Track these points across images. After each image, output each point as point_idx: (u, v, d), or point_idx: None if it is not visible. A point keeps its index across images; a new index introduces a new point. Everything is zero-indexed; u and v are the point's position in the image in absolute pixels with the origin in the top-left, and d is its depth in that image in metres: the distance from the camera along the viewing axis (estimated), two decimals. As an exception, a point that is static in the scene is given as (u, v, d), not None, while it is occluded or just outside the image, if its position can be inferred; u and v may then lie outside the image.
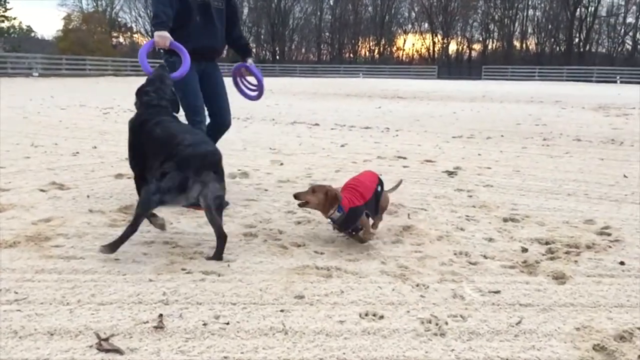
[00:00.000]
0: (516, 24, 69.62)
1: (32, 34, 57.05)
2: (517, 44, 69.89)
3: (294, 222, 3.77)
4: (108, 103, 14.31)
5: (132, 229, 2.95)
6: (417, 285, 2.71)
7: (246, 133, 8.76)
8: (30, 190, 4.45)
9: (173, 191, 2.92)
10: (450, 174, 5.59)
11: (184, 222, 3.74)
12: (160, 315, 2.31)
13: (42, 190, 4.47)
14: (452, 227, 3.74)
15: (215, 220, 3.04)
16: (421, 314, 2.40)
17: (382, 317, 2.36)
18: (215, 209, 3.05)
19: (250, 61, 4.63)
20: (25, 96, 16.02)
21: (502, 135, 8.91)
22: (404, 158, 6.53)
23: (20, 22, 53.36)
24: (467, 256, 3.17)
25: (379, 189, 3.52)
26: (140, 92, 3.56)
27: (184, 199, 2.99)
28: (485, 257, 3.16)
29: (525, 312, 2.45)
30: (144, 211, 3.02)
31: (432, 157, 6.63)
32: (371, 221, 3.40)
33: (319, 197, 3.17)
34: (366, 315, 2.38)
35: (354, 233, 3.33)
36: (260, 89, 4.76)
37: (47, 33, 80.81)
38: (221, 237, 3.05)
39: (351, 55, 75.50)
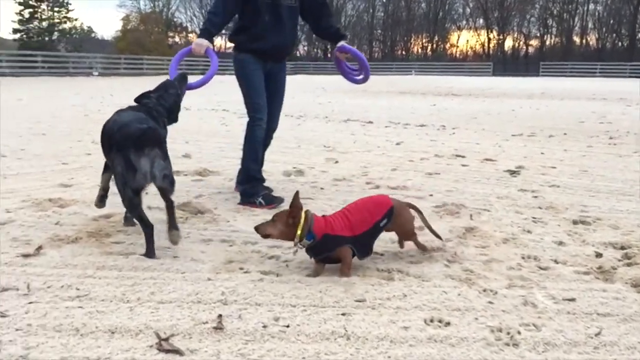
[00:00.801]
0: (576, 19, 67.26)
1: (93, 35, 59.18)
2: (576, 39, 67.56)
3: (352, 221, 3.67)
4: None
5: (145, 228, 2.97)
6: (484, 291, 2.57)
7: (299, 131, 8.72)
8: (92, 186, 4.52)
9: (129, 174, 2.89)
10: (513, 173, 5.37)
11: (240, 220, 3.71)
12: (220, 315, 2.26)
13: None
14: (518, 229, 3.56)
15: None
16: (491, 321, 2.26)
17: (448, 323, 2.24)
18: (166, 187, 3.02)
19: (343, 42, 4.24)
20: (86, 95, 16.53)
21: (565, 134, 8.55)
22: (463, 157, 6.34)
23: (82, 23, 55.64)
24: (536, 260, 3.00)
25: (384, 222, 2.85)
26: (142, 96, 3.49)
27: (143, 179, 2.92)
28: (556, 261, 2.98)
29: (605, 322, 2.28)
30: (131, 209, 3.04)
31: (492, 155, 6.40)
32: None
33: (278, 228, 2.73)
34: (431, 321, 2.27)
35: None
36: (364, 70, 4.33)
37: (106, 33, 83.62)
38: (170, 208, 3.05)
39: (403, 52, 74.75)
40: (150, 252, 2.94)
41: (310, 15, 4.27)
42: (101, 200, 3.50)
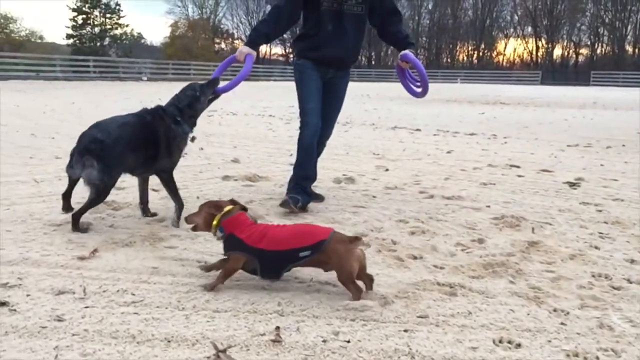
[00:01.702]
0: (629, 28, 65.21)
1: (142, 41, 60.60)
2: (629, 48, 65.49)
3: (408, 232, 3.55)
4: (211, 106, 14.70)
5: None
6: (555, 311, 2.42)
7: (347, 137, 8.63)
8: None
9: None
10: (572, 185, 5.14)
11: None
12: (277, 327, 2.18)
13: (154, 190, 4.53)
14: (585, 244, 3.37)
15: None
16: (565, 345, 2.11)
17: (519, 345, 2.10)
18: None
19: (407, 51, 4.04)
20: (135, 99, 16.83)
21: (623, 145, 8.20)
22: (518, 167, 6.12)
23: (132, 29, 56.91)
24: (607, 279, 2.82)
25: (306, 253, 2.46)
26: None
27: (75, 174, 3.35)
28: (629, 281, 2.79)
29: (692, 350, 2.10)
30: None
31: (549, 166, 6.16)
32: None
33: (201, 217, 2.65)
34: (500, 342, 2.13)
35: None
36: (423, 83, 4.14)
37: (155, 39, 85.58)
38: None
39: (449, 60, 73.96)
40: None
41: (379, 20, 4.10)
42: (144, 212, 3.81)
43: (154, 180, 3.78)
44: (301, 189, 4.10)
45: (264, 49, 76.99)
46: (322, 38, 3.97)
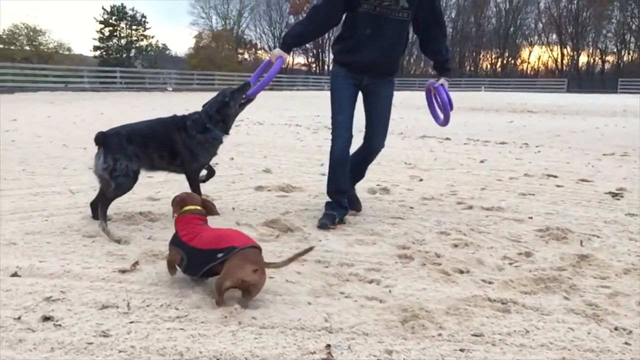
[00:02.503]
0: (657, 34, 64.15)
1: (167, 52, 61.34)
2: (657, 54, 64.43)
3: (451, 244, 3.45)
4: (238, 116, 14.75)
5: None
6: (616, 329, 2.30)
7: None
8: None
9: None
10: (615, 195, 4.99)
11: (332, 239, 3.55)
12: (328, 345, 2.10)
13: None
14: (637, 258, 3.23)
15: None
16: (633, 367, 2.00)
17: (584, 367, 2.00)
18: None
19: (441, 81, 4.00)
20: (162, 110, 16.97)
21: (661, 154, 7.98)
22: (555, 176, 5.97)
23: (157, 41, 57.64)
24: (667, 295, 2.69)
25: (221, 255, 2.48)
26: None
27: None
28: (691, 298, 2.66)
29: None
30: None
31: (587, 176, 6.00)
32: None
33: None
34: (563, 363, 2.03)
35: None
36: (444, 113, 4.06)
37: (180, 50, 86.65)
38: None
39: (472, 68, 73.50)
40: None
41: (421, 31, 3.93)
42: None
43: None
44: (336, 204, 4.02)
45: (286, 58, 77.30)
46: (356, 41, 3.82)
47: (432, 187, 5.31)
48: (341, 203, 4.03)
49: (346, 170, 4.03)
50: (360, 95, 4.03)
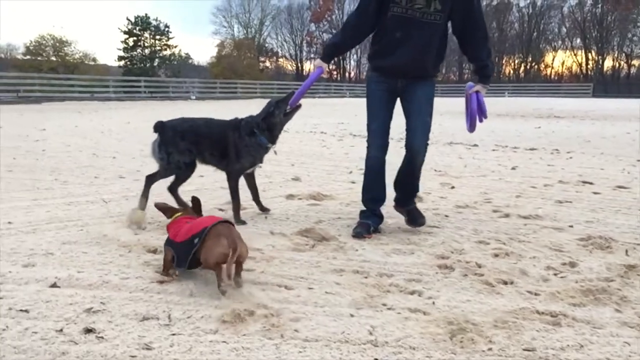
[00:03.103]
0: (684, 37, 63.02)
1: (190, 61, 61.90)
2: (685, 57, 63.28)
3: (491, 254, 3.37)
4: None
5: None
6: (675, 344, 2.20)
7: (404, 153, 8.44)
8: (210, 208, 4.49)
9: None
10: (655, 203, 4.84)
11: (369, 248, 3.49)
12: (376, 360, 2.04)
13: (220, 210, 4.50)
14: (688, 269, 3.11)
15: None
16: (699, 384, 1.90)
17: (645, 384, 1.90)
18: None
19: (476, 87, 3.78)
20: (187, 118, 17.12)
21: (699, 159, 7.76)
22: (591, 183, 5.83)
23: (180, 50, 58.10)
24: None
25: (196, 240, 2.71)
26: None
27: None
28: None
29: None
30: None
31: (624, 182, 5.85)
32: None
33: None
34: (623, 380, 1.94)
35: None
36: (469, 120, 3.85)
37: (202, 59, 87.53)
38: None
39: (495, 73, 72.82)
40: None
41: (458, 33, 3.76)
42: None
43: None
44: (371, 212, 3.96)
45: (308, 66, 77.72)
46: (387, 45, 3.74)
47: (465, 195, 5.21)
48: (375, 211, 3.97)
49: (381, 179, 3.96)
50: (399, 101, 3.92)
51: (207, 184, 5.62)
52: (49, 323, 2.30)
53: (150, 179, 4.21)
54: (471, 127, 3.91)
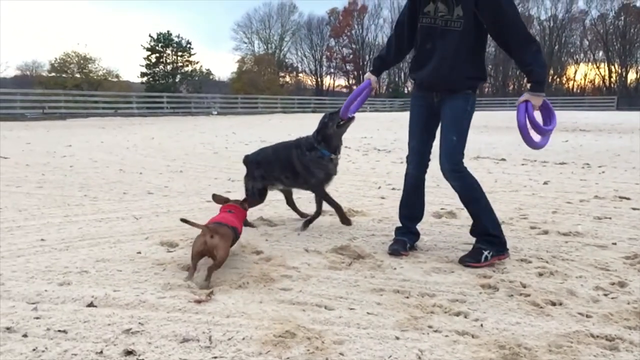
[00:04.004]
0: None
1: (211, 76, 62.44)
2: None
3: (535, 273, 3.25)
4: (285, 139, 14.76)
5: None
6: None
7: (431, 168, 8.31)
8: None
9: None
10: (699, 219, 4.68)
11: (407, 267, 3.40)
12: (429, 387, 1.95)
13: (252, 226, 4.44)
14: None
15: None
16: None
17: None
18: None
19: (523, 97, 3.40)
20: (210, 133, 17.20)
21: None
22: (628, 198, 5.67)
23: (201, 66, 58.66)
24: None
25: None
26: None
27: None
28: None
29: None
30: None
31: (663, 198, 5.68)
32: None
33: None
34: (695, 411, 1.82)
35: None
36: (522, 134, 3.50)
37: (223, 75, 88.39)
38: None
39: (515, 87, 72.38)
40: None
41: (495, 39, 3.42)
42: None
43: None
44: (406, 229, 3.87)
45: (328, 81, 78.01)
46: (419, 57, 3.63)
47: (500, 211, 5.06)
48: (411, 229, 3.88)
49: (418, 196, 3.88)
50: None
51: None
52: (88, 344, 2.25)
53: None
54: (527, 142, 3.57)
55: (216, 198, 3.82)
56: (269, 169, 4.43)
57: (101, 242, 3.88)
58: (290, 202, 4.83)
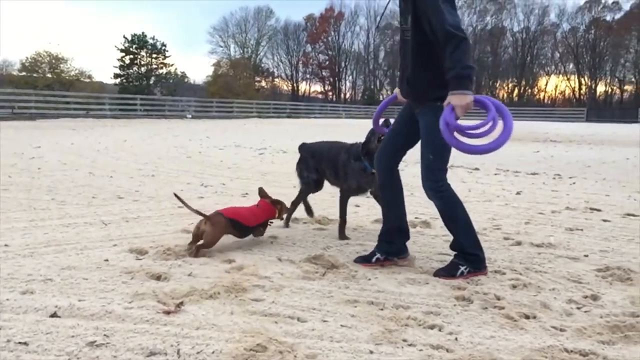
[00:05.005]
0: (675, 64, 63.96)
1: (186, 79, 61.95)
2: (677, 84, 64.23)
3: (509, 285, 3.24)
4: (260, 144, 14.72)
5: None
6: None
7: (405, 177, 8.27)
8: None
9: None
10: (668, 232, 4.75)
11: (381, 277, 3.36)
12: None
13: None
14: None
15: None
16: None
17: None
18: None
19: (447, 99, 3.11)
20: (184, 137, 17.01)
21: (703, 186, 7.70)
22: (599, 210, 5.74)
23: (176, 69, 58.21)
24: None
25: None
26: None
27: None
28: None
29: None
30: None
31: (633, 210, 5.76)
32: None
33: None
34: None
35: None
36: (467, 134, 3.18)
37: (198, 78, 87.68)
38: None
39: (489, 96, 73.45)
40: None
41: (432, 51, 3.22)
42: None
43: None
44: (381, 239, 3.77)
45: (303, 87, 78.05)
46: (400, 68, 3.62)
47: (474, 221, 5.00)
48: (387, 238, 3.81)
49: (390, 202, 3.78)
50: None
51: (208, 206, 5.48)
52: (50, 358, 2.15)
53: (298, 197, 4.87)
54: (456, 147, 3.17)
55: (261, 192, 4.36)
56: (320, 161, 4.59)
57: (67, 249, 3.76)
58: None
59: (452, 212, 3.50)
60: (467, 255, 3.44)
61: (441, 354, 2.32)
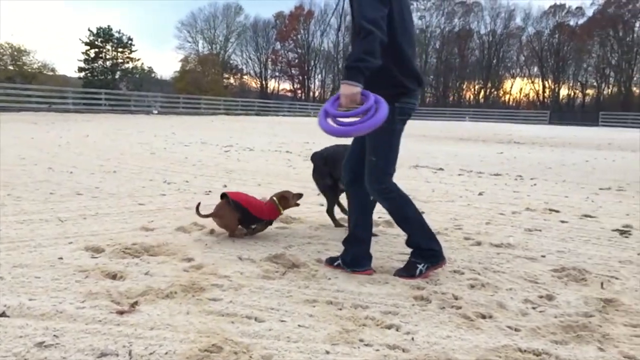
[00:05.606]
0: (635, 69, 65.85)
1: (153, 75, 61.05)
2: (636, 89, 66.11)
3: (467, 285, 3.27)
4: (226, 141, 14.58)
5: None
6: (663, 386, 2.13)
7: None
8: (174, 230, 4.29)
9: None
10: (622, 233, 4.86)
11: (342, 277, 3.35)
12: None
13: (185, 232, 4.29)
14: (664, 303, 3.08)
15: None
16: None
17: None
18: None
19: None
20: (150, 133, 16.75)
21: (657, 189, 7.93)
22: (557, 211, 5.85)
23: (142, 63, 57.27)
24: None
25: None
26: None
27: None
28: None
29: None
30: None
31: (590, 211, 5.89)
32: None
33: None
34: None
35: None
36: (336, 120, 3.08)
37: (165, 73, 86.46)
38: None
39: (455, 98, 74.45)
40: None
41: None
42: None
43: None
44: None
45: (272, 84, 77.74)
46: None
47: (435, 221, 5.13)
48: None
49: (357, 209, 3.72)
50: None
51: (170, 204, 5.41)
52: (-6, 360, 2.08)
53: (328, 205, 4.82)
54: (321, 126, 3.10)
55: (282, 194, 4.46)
56: (333, 167, 4.55)
57: (20, 246, 3.65)
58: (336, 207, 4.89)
59: (402, 212, 3.50)
60: (424, 252, 3.45)
61: (397, 354, 2.32)
